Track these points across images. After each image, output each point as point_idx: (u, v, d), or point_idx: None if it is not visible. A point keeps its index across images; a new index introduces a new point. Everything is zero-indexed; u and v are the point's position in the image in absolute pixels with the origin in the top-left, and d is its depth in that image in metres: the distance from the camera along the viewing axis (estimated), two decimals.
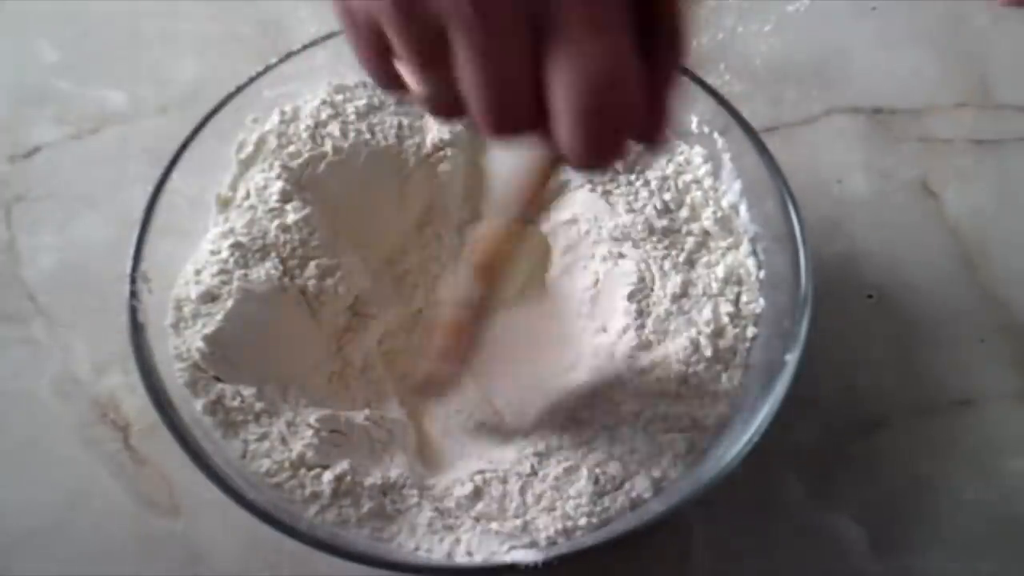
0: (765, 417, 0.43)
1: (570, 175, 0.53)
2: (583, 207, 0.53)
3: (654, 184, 0.53)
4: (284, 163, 0.51)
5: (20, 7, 0.71)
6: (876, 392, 0.54)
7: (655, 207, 0.52)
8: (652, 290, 0.49)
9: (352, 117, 0.53)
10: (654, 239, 0.51)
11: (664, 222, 0.51)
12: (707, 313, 0.48)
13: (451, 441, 0.50)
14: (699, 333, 0.48)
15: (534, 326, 0.52)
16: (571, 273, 0.53)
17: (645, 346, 0.48)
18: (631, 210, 0.52)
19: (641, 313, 0.49)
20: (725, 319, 0.48)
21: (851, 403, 0.53)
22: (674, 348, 0.47)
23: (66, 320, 0.57)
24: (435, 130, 0.54)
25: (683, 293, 0.49)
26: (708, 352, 0.47)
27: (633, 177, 0.53)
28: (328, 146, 0.52)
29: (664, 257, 0.50)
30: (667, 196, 0.52)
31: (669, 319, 0.48)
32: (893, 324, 0.56)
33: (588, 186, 0.53)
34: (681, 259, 0.50)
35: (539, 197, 0.39)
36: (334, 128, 0.52)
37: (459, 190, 0.55)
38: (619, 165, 0.53)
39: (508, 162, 0.54)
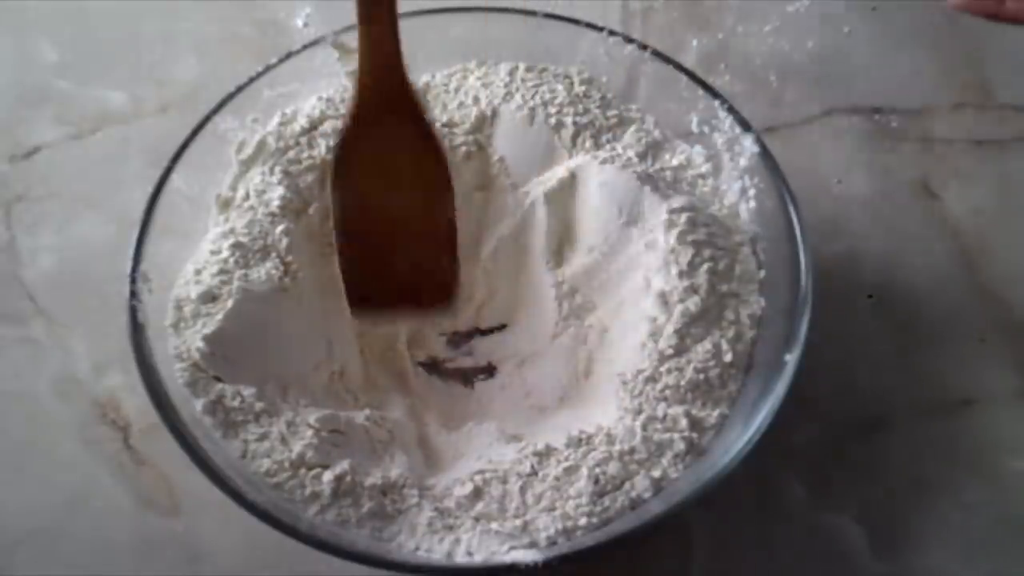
0: (765, 417, 0.43)
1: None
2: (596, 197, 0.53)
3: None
4: (284, 163, 0.51)
5: (20, 7, 0.71)
6: (876, 392, 0.54)
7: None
8: (669, 296, 0.49)
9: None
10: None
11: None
12: (730, 315, 0.48)
13: (451, 441, 0.50)
14: (721, 337, 0.48)
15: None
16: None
17: (668, 356, 0.48)
18: None
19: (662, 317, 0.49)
20: (747, 322, 0.48)
21: (851, 403, 0.53)
22: (695, 354, 0.47)
23: (66, 320, 0.57)
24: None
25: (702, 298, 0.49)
26: (728, 358, 0.47)
27: None
28: (327, 146, 0.52)
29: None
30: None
31: (690, 325, 0.48)
32: (893, 324, 0.56)
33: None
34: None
35: None
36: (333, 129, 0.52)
37: (470, 178, 0.55)
38: None
39: (512, 143, 0.54)
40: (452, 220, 0.50)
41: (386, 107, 0.47)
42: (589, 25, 0.54)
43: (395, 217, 0.49)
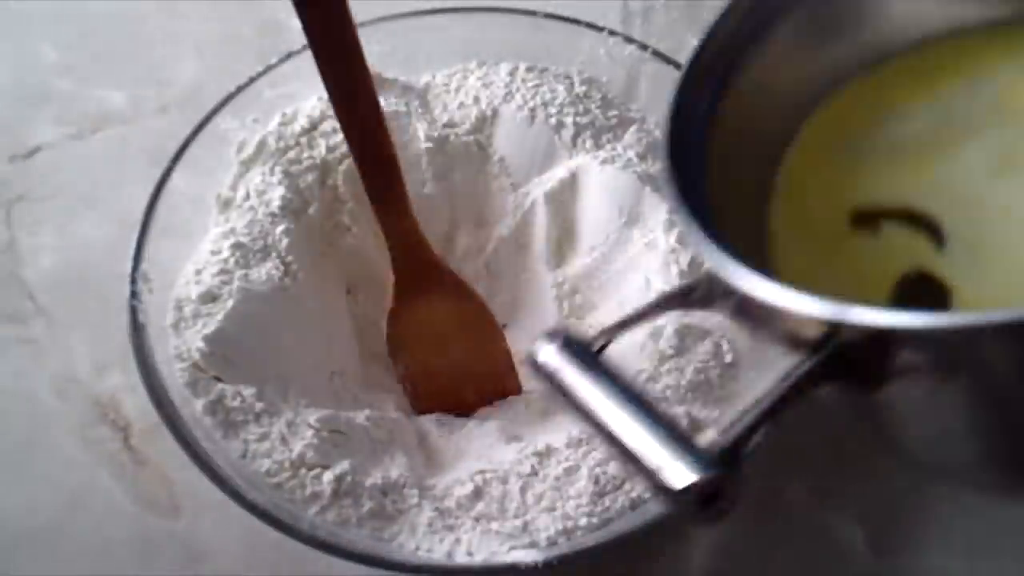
0: None
1: None
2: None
3: None
4: (284, 163, 0.51)
5: (20, 7, 0.71)
6: None
7: None
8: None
9: None
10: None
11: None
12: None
13: (451, 441, 0.50)
14: (721, 337, 0.47)
15: None
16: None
17: (668, 356, 0.47)
18: None
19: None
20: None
21: (851, 403, 0.53)
22: (695, 354, 0.47)
23: (66, 320, 0.57)
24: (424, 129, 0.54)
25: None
26: (728, 358, 0.47)
27: None
28: (327, 146, 0.52)
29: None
30: None
31: (690, 325, 0.48)
32: None
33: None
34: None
35: None
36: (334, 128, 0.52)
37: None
38: None
39: (512, 144, 0.54)
40: (506, 350, 0.52)
41: (419, 282, 0.51)
42: (589, 25, 0.54)
43: (453, 367, 0.52)
